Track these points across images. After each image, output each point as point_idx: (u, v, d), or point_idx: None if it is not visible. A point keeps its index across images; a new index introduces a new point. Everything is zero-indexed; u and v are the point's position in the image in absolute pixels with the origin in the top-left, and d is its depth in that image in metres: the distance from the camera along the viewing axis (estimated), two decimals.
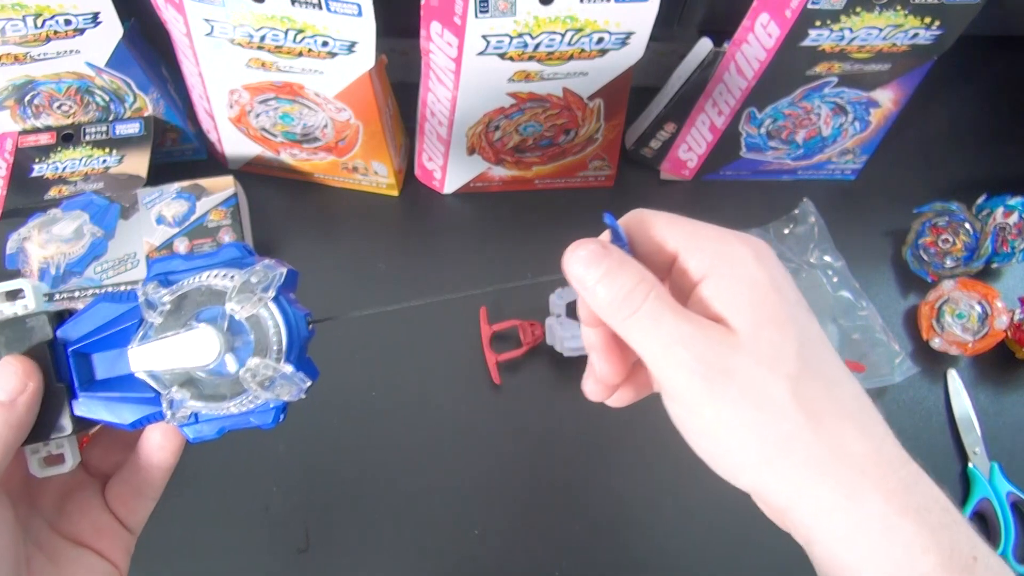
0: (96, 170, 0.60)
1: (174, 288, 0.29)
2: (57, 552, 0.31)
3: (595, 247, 0.27)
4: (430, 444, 0.56)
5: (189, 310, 0.29)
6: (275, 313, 0.28)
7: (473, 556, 0.53)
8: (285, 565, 0.52)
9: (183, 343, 0.28)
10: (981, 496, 0.54)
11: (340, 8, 0.47)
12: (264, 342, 0.28)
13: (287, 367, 0.28)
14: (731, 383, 0.25)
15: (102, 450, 0.33)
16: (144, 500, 0.33)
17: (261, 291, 0.28)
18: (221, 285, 0.28)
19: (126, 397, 0.29)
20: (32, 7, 0.52)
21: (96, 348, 0.30)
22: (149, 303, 0.29)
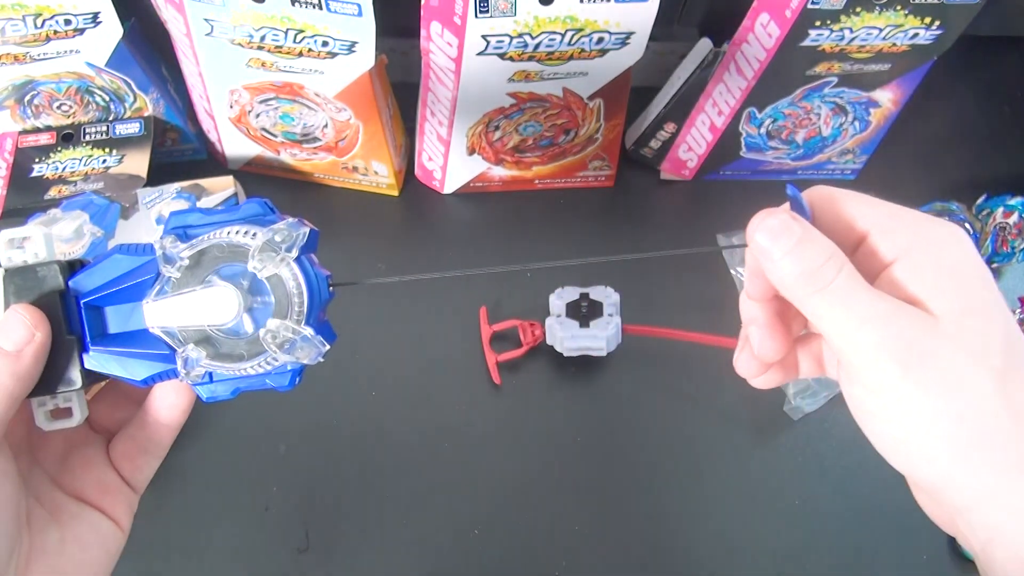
0: (96, 170, 0.60)
1: (194, 243, 0.28)
2: (59, 507, 0.30)
3: (786, 217, 0.26)
4: (430, 444, 0.56)
5: (208, 266, 0.28)
6: (297, 273, 0.27)
7: (473, 556, 0.53)
8: (285, 565, 0.52)
9: (201, 300, 0.27)
10: None
11: (340, 8, 0.47)
12: (284, 303, 0.27)
13: (307, 329, 0.27)
14: (930, 368, 0.24)
15: (108, 406, 0.33)
16: (149, 458, 0.32)
17: (284, 250, 0.27)
18: (243, 242, 0.27)
19: (139, 353, 0.28)
20: (32, 7, 0.52)
21: (109, 301, 0.29)
22: (167, 257, 0.28)
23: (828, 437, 0.57)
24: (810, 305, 0.26)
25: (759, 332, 0.30)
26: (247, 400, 0.60)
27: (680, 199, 0.67)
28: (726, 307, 0.64)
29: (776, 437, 0.57)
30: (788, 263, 0.26)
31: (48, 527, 0.29)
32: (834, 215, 0.28)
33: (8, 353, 0.27)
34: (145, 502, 0.54)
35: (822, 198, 0.28)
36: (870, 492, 0.55)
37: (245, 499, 0.54)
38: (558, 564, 0.53)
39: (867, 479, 0.56)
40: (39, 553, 0.29)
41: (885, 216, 0.27)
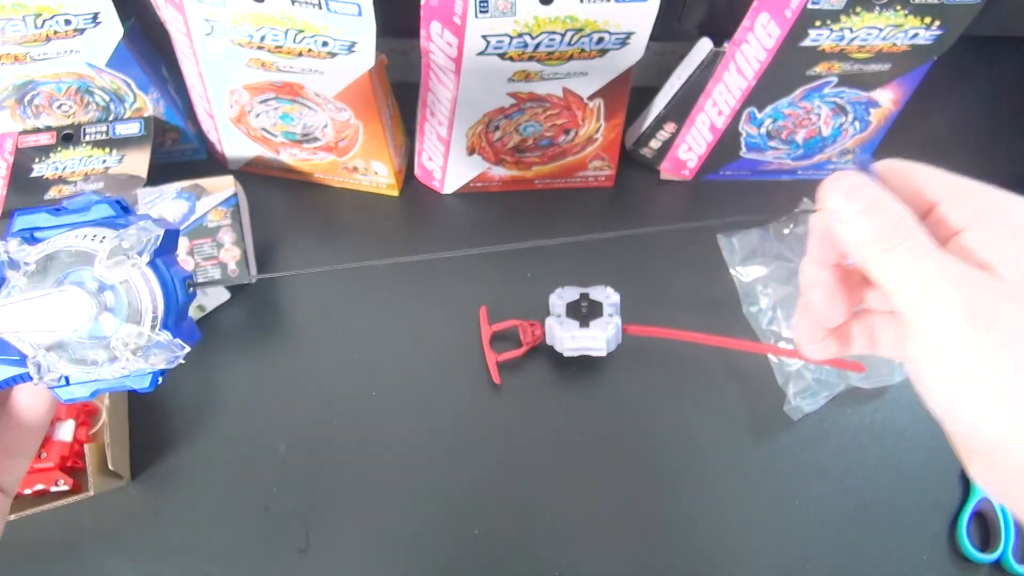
0: (96, 170, 0.60)
1: (40, 247, 0.27)
2: None
3: (860, 178, 0.27)
4: (430, 444, 0.56)
5: (56, 271, 0.27)
6: (150, 279, 0.27)
7: (473, 556, 0.53)
8: (285, 565, 0.52)
9: (49, 306, 0.26)
10: (981, 496, 0.54)
11: (340, 8, 0.47)
12: (136, 308, 0.26)
13: (162, 335, 0.27)
14: (1000, 328, 0.24)
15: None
16: (17, 459, 0.31)
17: (135, 255, 0.26)
18: (90, 247, 0.26)
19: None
20: (32, 7, 0.52)
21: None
22: (12, 263, 0.27)
23: (828, 437, 0.57)
24: (880, 264, 0.26)
25: (822, 295, 0.30)
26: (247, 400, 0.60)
27: (680, 199, 0.67)
28: (726, 307, 0.64)
29: (776, 437, 0.57)
30: (860, 222, 0.26)
31: None
32: (903, 186, 0.28)
33: None
34: (145, 502, 0.54)
35: (892, 170, 0.29)
36: (870, 492, 0.55)
37: (245, 499, 0.54)
38: (558, 564, 0.53)
39: (867, 479, 0.56)
40: None
41: (955, 186, 0.28)
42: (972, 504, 0.54)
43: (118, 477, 0.53)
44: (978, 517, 0.55)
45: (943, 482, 0.56)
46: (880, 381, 0.58)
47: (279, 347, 0.59)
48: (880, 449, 0.57)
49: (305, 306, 0.61)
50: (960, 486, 0.56)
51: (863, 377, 0.57)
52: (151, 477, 0.55)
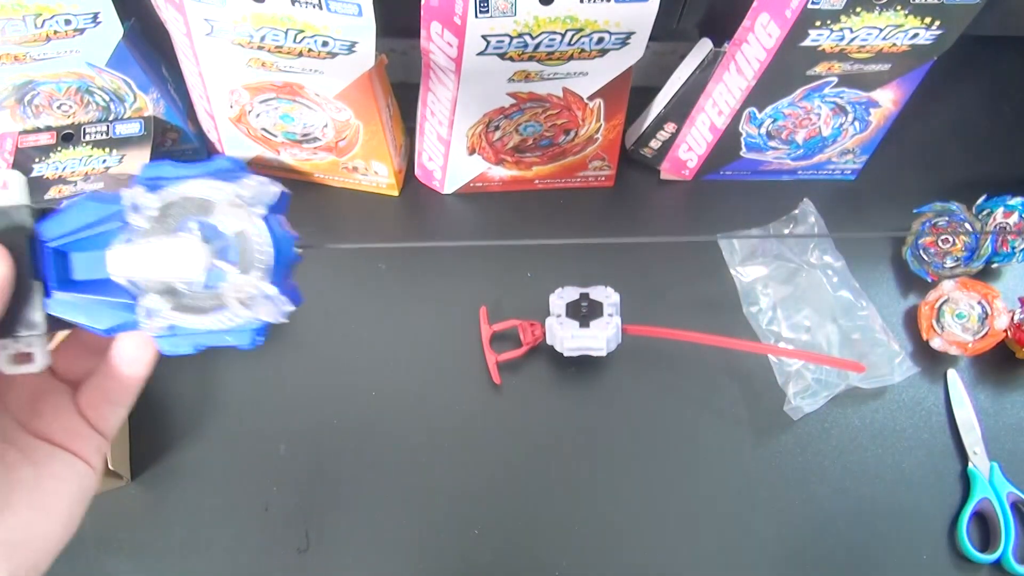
0: (96, 170, 0.60)
1: (162, 194, 0.28)
2: (30, 449, 0.31)
3: None
4: (430, 444, 0.56)
5: (175, 218, 0.28)
6: (262, 230, 0.27)
7: (473, 556, 0.53)
8: (285, 565, 0.52)
9: (166, 251, 0.27)
10: (981, 496, 0.54)
11: (340, 8, 0.47)
12: (248, 259, 0.27)
13: (270, 287, 0.27)
14: None
15: (71, 356, 0.32)
16: (116, 408, 0.32)
17: (250, 206, 0.27)
18: (211, 196, 0.27)
19: (103, 301, 0.28)
20: (32, 7, 0.52)
21: (76, 247, 0.29)
22: (135, 207, 0.27)
23: (828, 437, 0.57)
24: None
25: None
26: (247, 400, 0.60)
27: (680, 199, 0.67)
28: (726, 307, 0.64)
29: (776, 437, 0.57)
30: None
31: (22, 465, 0.30)
32: None
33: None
34: (145, 502, 0.54)
35: None
36: (870, 492, 0.55)
37: (245, 499, 0.54)
38: (558, 564, 0.53)
39: (867, 479, 0.56)
40: (18, 486, 0.29)
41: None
42: (972, 504, 0.54)
43: (118, 477, 0.53)
44: (978, 517, 0.55)
45: (943, 482, 0.56)
46: (880, 381, 0.58)
47: (279, 347, 0.59)
48: (880, 449, 0.57)
49: (305, 306, 0.61)
50: (960, 486, 0.56)
51: (863, 377, 0.57)
52: (151, 477, 0.55)
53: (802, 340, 0.60)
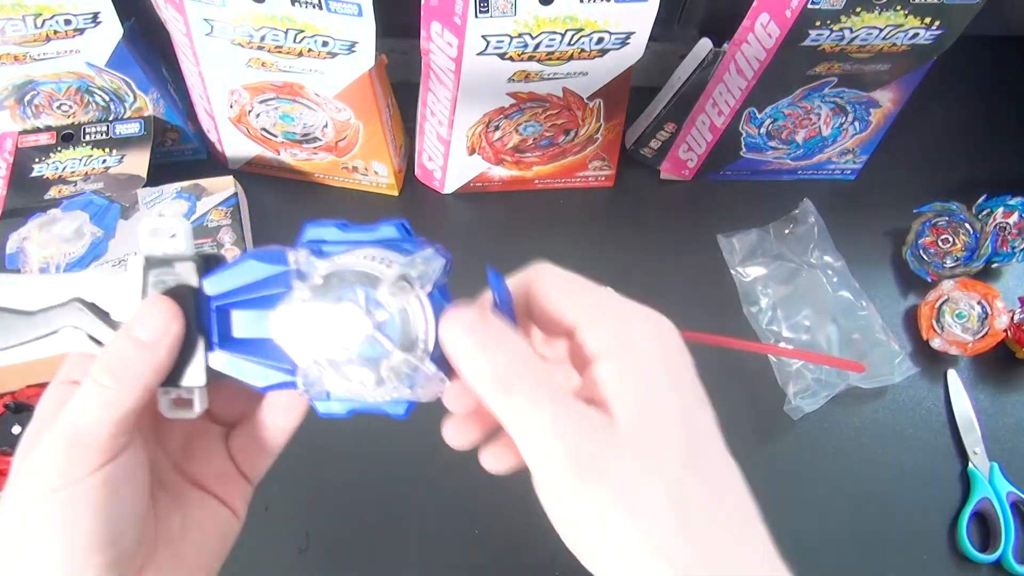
0: (96, 170, 0.60)
1: (328, 263, 0.27)
2: (180, 493, 0.31)
3: (479, 313, 0.26)
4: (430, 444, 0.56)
5: (339, 287, 0.27)
6: (427, 309, 0.27)
7: (473, 556, 0.53)
8: (285, 565, 0.52)
9: (328, 320, 0.27)
10: (981, 496, 0.54)
11: (340, 8, 0.47)
12: (410, 336, 0.27)
13: (430, 366, 0.27)
14: (605, 483, 0.24)
15: (227, 400, 0.33)
16: (264, 456, 0.33)
17: (419, 285, 0.27)
18: (378, 271, 0.27)
19: (262, 362, 0.28)
20: (32, 7, 0.52)
21: (238, 306, 0.29)
22: (300, 273, 0.27)
23: (828, 437, 0.57)
24: (499, 407, 0.26)
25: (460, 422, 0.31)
26: None
27: (680, 199, 0.67)
28: (726, 307, 0.64)
29: (776, 437, 0.57)
30: (477, 361, 0.26)
31: (172, 512, 0.30)
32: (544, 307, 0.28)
33: (145, 344, 0.27)
34: None
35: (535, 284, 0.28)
36: (870, 492, 0.55)
37: None
38: (558, 564, 0.53)
39: (867, 479, 0.56)
40: (164, 538, 0.29)
41: (590, 309, 0.27)
42: (972, 504, 0.54)
43: None
44: (978, 517, 0.55)
45: (943, 482, 0.56)
46: (880, 381, 0.58)
47: None
48: (880, 449, 0.57)
49: None
50: (960, 486, 0.56)
51: (863, 377, 0.57)
52: None
53: (802, 340, 0.60)
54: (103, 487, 0.26)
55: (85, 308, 0.29)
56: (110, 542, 0.26)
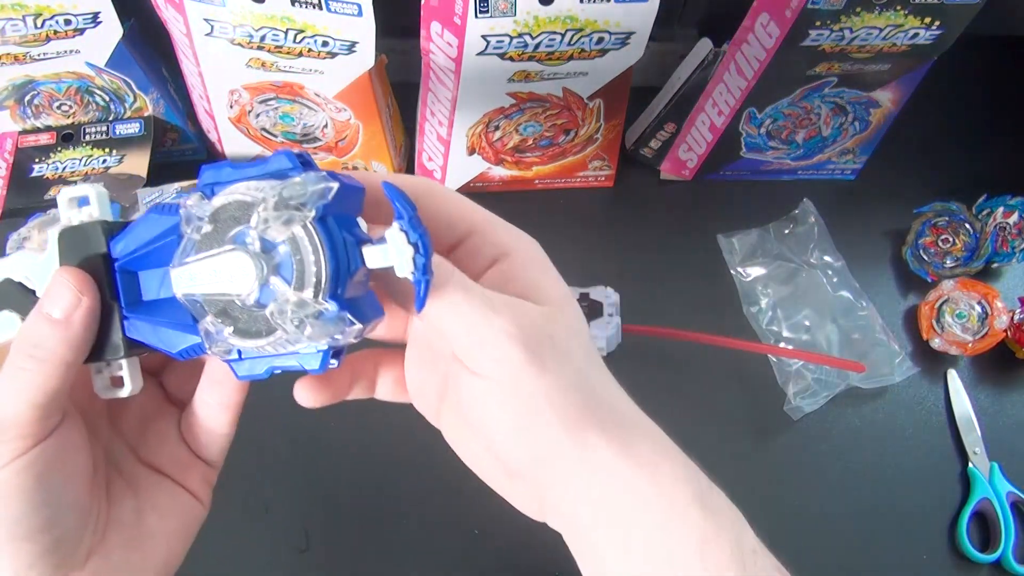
0: (96, 170, 0.60)
1: (213, 201, 0.25)
2: (137, 478, 0.30)
3: None
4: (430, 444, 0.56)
5: (227, 227, 0.24)
6: (314, 236, 0.23)
7: (473, 556, 0.53)
8: (285, 565, 0.52)
9: (216, 266, 0.24)
10: (981, 496, 0.54)
11: (340, 8, 0.47)
12: (303, 272, 0.23)
13: (326, 304, 0.23)
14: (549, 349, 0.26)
15: (179, 376, 0.32)
16: (215, 436, 0.31)
17: (296, 208, 0.23)
18: (253, 198, 0.24)
19: (172, 322, 0.26)
20: (32, 7, 0.52)
21: (142, 265, 0.27)
22: (188, 217, 0.25)
23: (828, 437, 0.57)
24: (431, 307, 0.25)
25: None
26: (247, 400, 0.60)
27: (680, 199, 0.67)
28: (726, 307, 0.64)
29: (776, 437, 0.57)
30: None
31: (124, 497, 0.29)
32: (436, 211, 0.28)
33: (57, 321, 0.26)
34: None
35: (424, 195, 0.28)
36: (870, 492, 0.55)
37: (245, 499, 0.54)
38: (558, 564, 0.53)
39: (867, 479, 0.56)
40: (115, 524, 0.29)
41: (484, 220, 0.29)
42: (972, 504, 0.54)
43: None
44: (978, 517, 0.55)
45: (943, 482, 0.56)
46: (880, 381, 0.58)
47: None
48: (880, 449, 0.57)
49: None
50: (960, 486, 0.56)
51: (863, 377, 0.57)
52: None
53: (802, 340, 0.60)
54: (28, 472, 0.25)
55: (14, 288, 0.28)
56: (41, 528, 0.26)
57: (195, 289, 0.25)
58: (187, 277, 0.25)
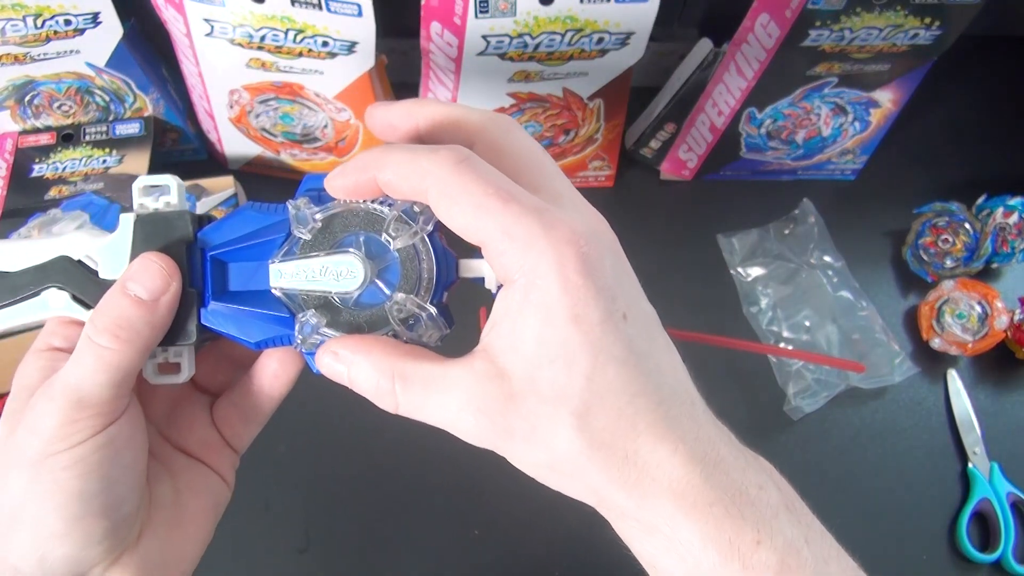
0: (96, 170, 0.60)
1: (328, 206, 0.27)
2: (169, 459, 0.30)
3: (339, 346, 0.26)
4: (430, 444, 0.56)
5: (339, 232, 0.27)
6: (429, 249, 0.27)
7: (473, 556, 0.53)
8: (285, 565, 0.52)
9: (327, 265, 0.26)
10: (981, 496, 0.54)
11: (340, 8, 0.47)
12: (413, 277, 0.27)
13: (432, 307, 0.27)
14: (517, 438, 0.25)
15: (211, 367, 0.32)
16: (251, 425, 0.32)
17: (421, 224, 0.26)
18: (379, 211, 0.27)
19: (257, 313, 0.28)
20: (32, 7, 0.52)
21: (235, 257, 0.28)
22: (299, 218, 0.27)
23: (828, 437, 0.57)
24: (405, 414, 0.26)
25: None
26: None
27: (680, 199, 0.67)
28: (726, 307, 0.64)
29: (776, 437, 0.57)
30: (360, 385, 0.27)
31: (162, 478, 0.30)
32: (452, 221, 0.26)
33: (145, 303, 0.26)
34: None
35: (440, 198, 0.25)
36: (870, 492, 0.55)
37: (245, 499, 0.54)
38: (558, 564, 0.53)
39: (867, 479, 0.56)
40: (157, 504, 0.29)
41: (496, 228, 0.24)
42: (972, 504, 0.54)
43: None
44: (978, 517, 0.55)
45: (943, 482, 0.56)
46: (880, 381, 0.58)
47: None
48: (880, 449, 0.57)
49: None
50: (960, 486, 0.56)
51: (863, 377, 0.57)
52: None
53: (802, 340, 0.60)
54: (106, 449, 0.26)
55: (71, 266, 0.28)
56: (113, 506, 0.26)
57: (297, 285, 0.27)
58: (290, 273, 0.27)
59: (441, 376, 0.25)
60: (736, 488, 0.24)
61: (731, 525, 0.24)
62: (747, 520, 0.24)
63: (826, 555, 0.26)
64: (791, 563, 0.24)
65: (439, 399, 0.25)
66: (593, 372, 0.24)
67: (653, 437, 0.24)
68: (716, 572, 0.24)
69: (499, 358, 0.25)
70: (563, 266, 0.23)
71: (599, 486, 0.25)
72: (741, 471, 0.25)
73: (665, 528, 0.24)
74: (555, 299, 0.24)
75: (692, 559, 0.24)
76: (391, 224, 0.27)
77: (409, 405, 0.26)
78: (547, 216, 0.24)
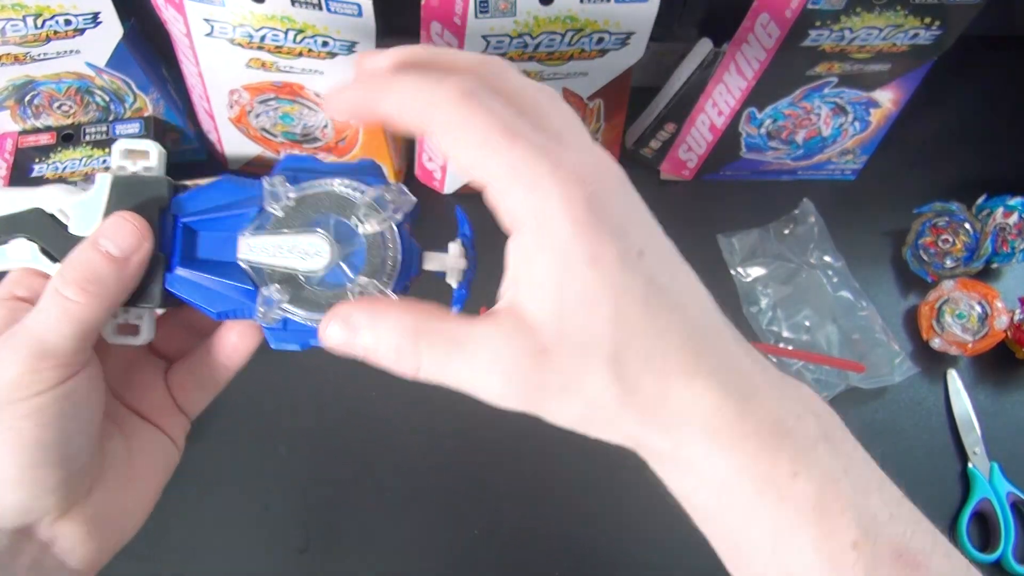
0: (96, 170, 0.60)
1: (303, 186, 0.28)
2: (121, 419, 0.31)
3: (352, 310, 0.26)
4: (430, 444, 0.56)
5: (310, 212, 0.28)
6: (396, 238, 0.28)
7: (473, 556, 0.53)
8: (285, 565, 0.52)
9: (295, 243, 0.27)
10: (981, 496, 0.54)
11: (340, 8, 0.47)
12: (377, 263, 0.28)
13: (393, 296, 0.28)
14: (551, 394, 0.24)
15: (169, 332, 0.33)
16: (204, 392, 0.33)
17: (391, 212, 0.28)
18: (352, 195, 0.28)
19: (222, 283, 0.28)
20: (32, 7, 0.52)
21: (206, 227, 0.29)
22: (274, 194, 0.28)
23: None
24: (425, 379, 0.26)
25: None
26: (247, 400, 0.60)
27: (680, 199, 0.67)
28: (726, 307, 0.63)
29: None
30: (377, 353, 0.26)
31: (114, 437, 0.30)
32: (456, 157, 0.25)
33: (116, 259, 0.27)
34: None
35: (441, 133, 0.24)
36: None
37: (245, 499, 0.54)
38: (558, 564, 0.53)
39: None
40: (109, 461, 0.29)
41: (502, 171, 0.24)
42: (972, 504, 0.54)
43: None
44: (978, 517, 0.55)
45: (943, 482, 0.56)
46: (880, 381, 0.58)
47: None
48: (880, 449, 0.56)
49: None
50: (960, 486, 0.56)
51: (863, 377, 0.57)
52: None
53: (802, 340, 0.60)
54: (65, 401, 0.26)
55: (44, 219, 0.28)
56: (68, 458, 0.26)
57: (263, 259, 0.28)
58: (259, 247, 0.28)
59: (467, 334, 0.25)
60: (772, 419, 0.24)
61: (767, 458, 0.24)
62: (783, 452, 0.24)
63: (866, 486, 0.26)
64: (828, 494, 0.24)
65: (465, 359, 0.25)
66: (616, 315, 0.23)
67: (685, 376, 0.24)
68: (752, 506, 0.24)
69: (524, 312, 0.24)
70: (572, 206, 0.23)
71: (636, 432, 0.25)
72: (777, 401, 0.25)
73: (701, 465, 0.24)
74: (568, 242, 0.23)
75: (728, 495, 0.24)
76: (362, 209, 0.28)
77: (432, 367, 0.25)
78: (553, 155, 0.23)
